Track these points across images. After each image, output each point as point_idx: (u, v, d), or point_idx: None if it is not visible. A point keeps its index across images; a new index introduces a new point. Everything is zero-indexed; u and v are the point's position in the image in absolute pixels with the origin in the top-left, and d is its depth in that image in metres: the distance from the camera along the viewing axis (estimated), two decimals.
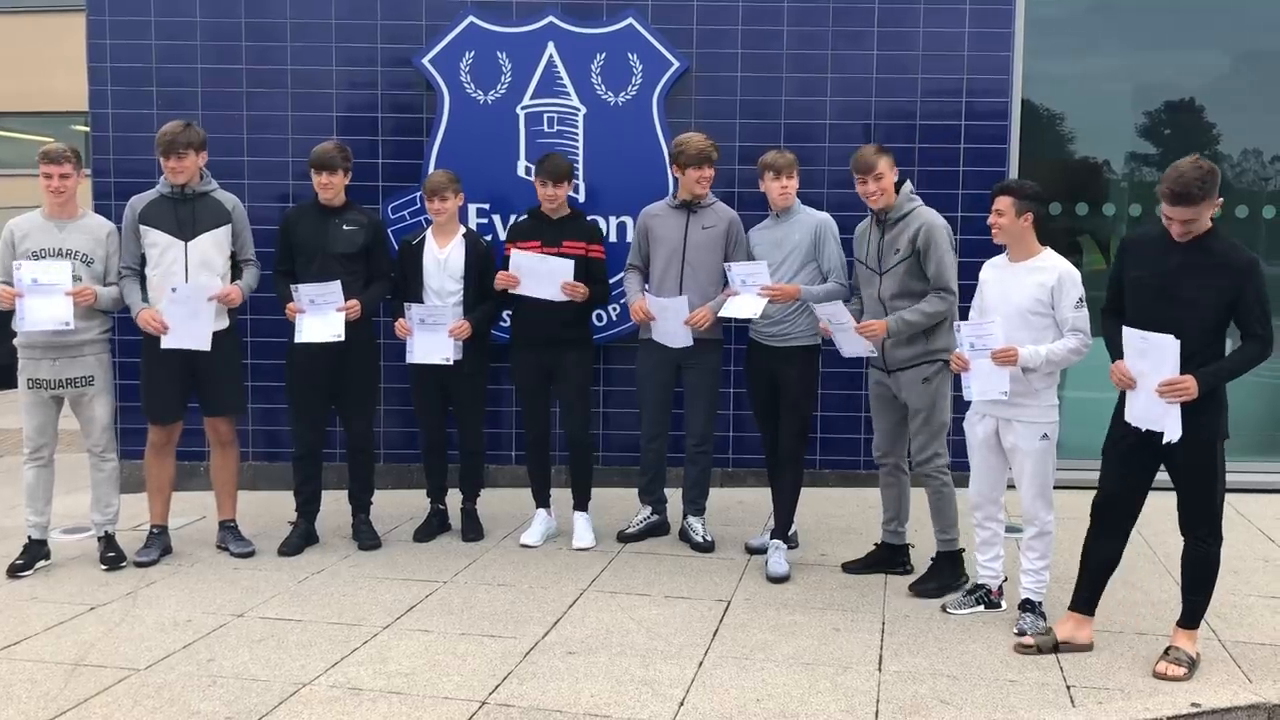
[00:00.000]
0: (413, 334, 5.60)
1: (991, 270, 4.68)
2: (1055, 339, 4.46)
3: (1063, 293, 4.43)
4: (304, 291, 5.43)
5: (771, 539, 5.42)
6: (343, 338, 5.43)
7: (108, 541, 5.45)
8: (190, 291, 5.28)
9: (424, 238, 5.79)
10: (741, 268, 5.30)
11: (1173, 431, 3.97)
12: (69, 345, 5.22)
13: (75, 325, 5.12)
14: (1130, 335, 4.07)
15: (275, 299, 5.62)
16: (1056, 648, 4.35)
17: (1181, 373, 3.93)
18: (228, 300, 5.37)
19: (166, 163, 5.34)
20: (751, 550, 5.63)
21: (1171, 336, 3.93)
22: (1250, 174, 7.43)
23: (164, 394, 5.49)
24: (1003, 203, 4.52)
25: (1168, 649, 4.20)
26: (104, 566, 5.37)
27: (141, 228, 5.38)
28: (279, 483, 6.66)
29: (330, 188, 5.56)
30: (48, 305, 5.07)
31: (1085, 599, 4.39)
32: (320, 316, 5.43)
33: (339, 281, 5.45)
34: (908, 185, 5.08)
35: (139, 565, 5.42)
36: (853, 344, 5.02)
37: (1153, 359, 3.99)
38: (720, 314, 5.38)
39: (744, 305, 5.26)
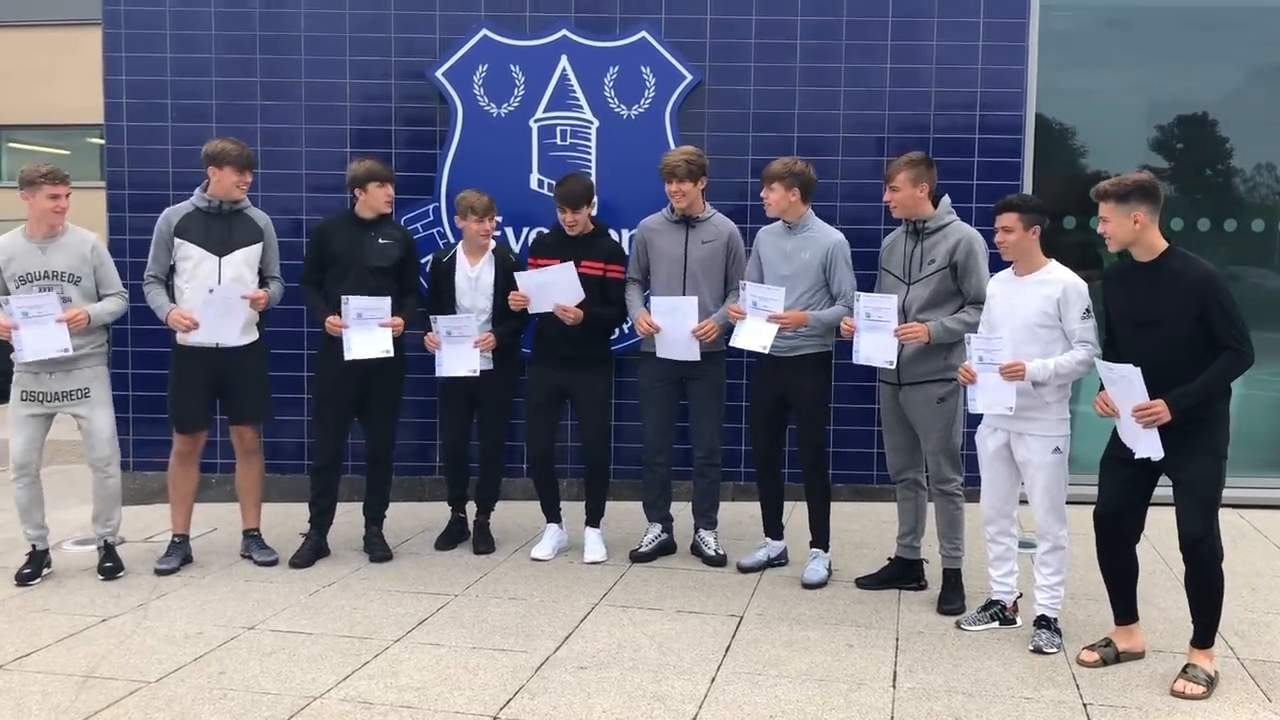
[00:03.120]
0: (440, 348, 5.61)
1: (998, 285, 4.67)
2: (1065, 351, 4.45)
3: (1069, 305, 4.43)
4: (354, 304, 5.42)
5: (811, 548, 5.45)
6: (392, 353, 5.47)
7: (107, 551, 5.45)
8: (226, 291, 5.32)
9: (455, 254, 5.79)
10: (757, 290, 5.24)
11: (1155, 452, 4.06)
12: (64, 360, 5.19)
13: (73, 347, 5.12)
14: (1101, 368, 4.23)
15: (286, 314, 5.62)
16: (1119, 658, 4.36)
17: (1159, 397, 4.01)
18: (256, 302, 5.39)
19: (239, 177, 5.36)
20: (744, 569, 5.56)
21: (1132, 365, 4.04)
22: (1264, 188, 7.40)
23: (190, 402, 5.51)
24: (1009, 219, 4.51)
25: (1186, 667, 4.16)
26: (100, 576, 5.37)
27: (176, 240, 5.39)
28: (288, 494, 6.66)
29: (389, 202, 5.62)
30: (44, 335, 5.06)
31: (1123, 610, 4.42)
32: (367, 332, 5.43)
33: (389, 298, 5.48)
34: (947, 200, 5.05)
35: (160, 574, 5.42)
36: (878, 347, 4.92)
37: (1122, 388, 4.10)
38: (731, 342, 5.34)
39: (753, 335, 5.20)
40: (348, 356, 5.42)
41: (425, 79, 6.82)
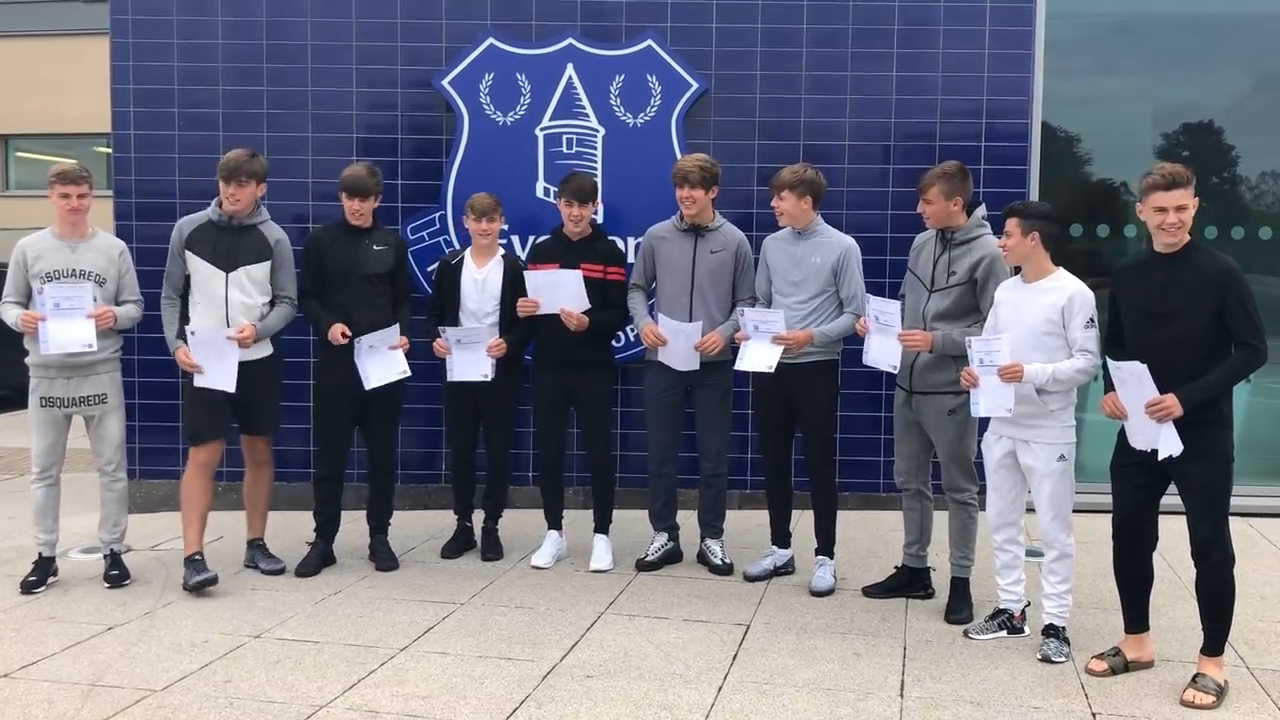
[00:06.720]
0: (451, 353, 5.64)
1: (1006, 291, 4.67)
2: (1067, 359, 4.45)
3: (1073, 313, 4.43)
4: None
5: (816, 555, 5.44)
6: (408, 373, 5.58)
7: (113, 560, 5.45)
8: (208, 335, 5.23)
9: (463, 258, 5.80)
10: (756, 314, 5.26)
11: (1173, 447, 4.01)
12: (82, 364, 5.23)
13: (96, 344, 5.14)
14: (1111, 367, 4.21)
15: (291, 323, 5.61)
16: (1127, 667, 4.34)
17: (1168, 392, 3.99)
18: (243, 341, 5.25)
19: (226, 189, 5.27)
20: (751, 578, 5.55)
21: (1139, 362, 4.02)
22: (1270, 196, 7.40)
23: (203, 414, 5.36)
24: (1009, 224, 4.53)
25: (1195, 676, 4.14)
26: (107, 584, 5.36)
27: (186, 253, 5.33)
28: (295, 503, 6.65)
29: (363, 214, 5.57)
30: (70, 328, 5.09)
31: (1135, 619, 4.39)
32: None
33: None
34: (980, 211, 4.98)
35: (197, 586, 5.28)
36: (884, 351, 4.95)
37: (1131, 386, 4.08)
38: (736, 366, 5.35)
39: (758, 356, 5.22)
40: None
41: (431, 88, 6.82)
